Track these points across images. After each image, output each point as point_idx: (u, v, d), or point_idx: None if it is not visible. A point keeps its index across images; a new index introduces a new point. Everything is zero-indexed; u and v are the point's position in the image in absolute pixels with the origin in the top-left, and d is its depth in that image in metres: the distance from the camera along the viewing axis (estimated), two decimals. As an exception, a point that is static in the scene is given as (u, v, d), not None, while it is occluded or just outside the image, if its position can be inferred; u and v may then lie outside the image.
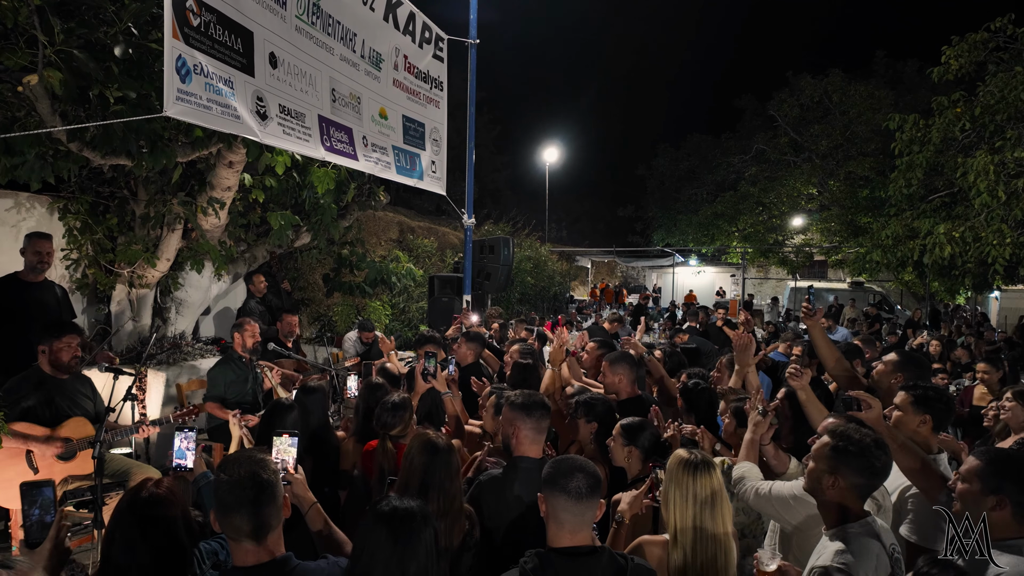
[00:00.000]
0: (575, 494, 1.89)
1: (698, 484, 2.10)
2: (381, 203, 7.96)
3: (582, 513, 1.90)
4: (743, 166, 24.71)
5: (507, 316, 7.90)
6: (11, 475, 3.26)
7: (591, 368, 4.66)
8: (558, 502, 1.91)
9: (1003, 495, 1.98)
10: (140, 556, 1.84)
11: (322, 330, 8.29)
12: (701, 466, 2.13)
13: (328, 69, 4.95)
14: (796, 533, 2.38)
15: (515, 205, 23.52)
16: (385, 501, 1.84)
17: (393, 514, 1.79)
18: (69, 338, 3.56)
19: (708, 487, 2.10)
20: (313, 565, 1.87)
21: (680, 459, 2.16)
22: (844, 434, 2.05)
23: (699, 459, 2.15)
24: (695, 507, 2.08)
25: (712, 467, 2.15)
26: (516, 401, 2.69)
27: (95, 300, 5.86)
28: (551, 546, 1.91)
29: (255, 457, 1.88)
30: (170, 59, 3.34)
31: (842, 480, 2.00)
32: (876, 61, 23.98)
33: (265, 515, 1.79)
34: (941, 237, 9.75)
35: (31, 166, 4.26)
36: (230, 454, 2.01)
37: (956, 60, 10.13)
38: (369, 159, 5.54)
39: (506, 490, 2.53)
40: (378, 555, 1.74)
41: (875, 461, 1.99)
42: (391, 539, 1.75)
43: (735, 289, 25.87)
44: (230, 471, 1.81)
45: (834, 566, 1.90)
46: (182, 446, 2.49)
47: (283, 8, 4.35)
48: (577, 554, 1.88)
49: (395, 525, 1.77)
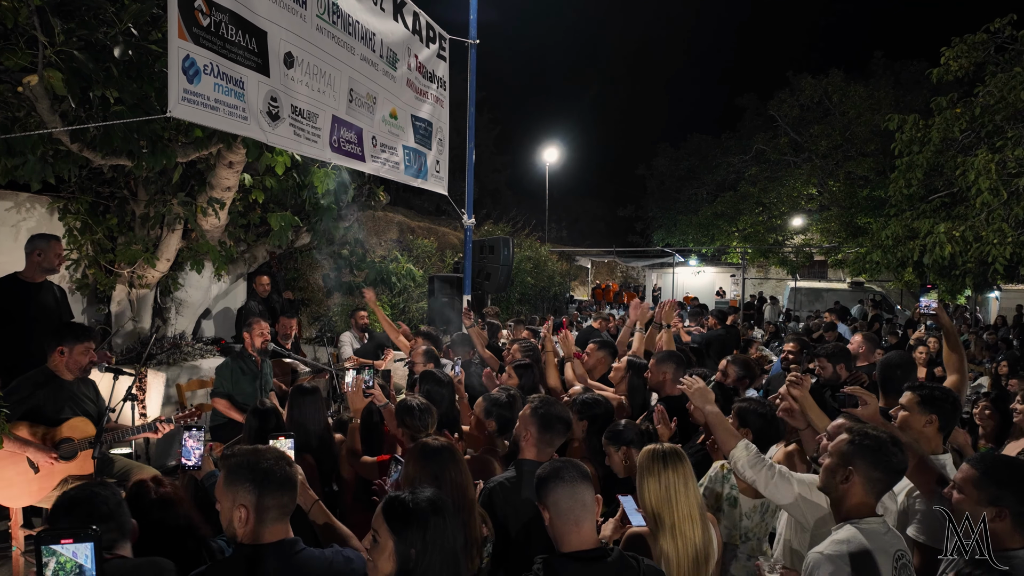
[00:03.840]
0: (568, 479, 1.96)
1: (670, 472, 2.20)
2: (381, 203, 7.97)
3: (580, 495, 1.93)
4: (743, 166, 24.70)
5: (505, 317, 7.89)
6: (11, 475, 3.26)
7: (592, 368, 4.66)
8: (554, 494, 1.94)
9: (1003, 506, 1.91)
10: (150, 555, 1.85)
11: (322, 330, 8.28)
12: (670, 455, 2.24)
13: (349, 69, 4.95)
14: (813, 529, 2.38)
15: (515, 205, 23.51)
16: (412, 494, 1.79)
17: (437, 500, 1.78)
18: (89, 343, 3.57)
19: (682, 473, 2.21)
20: (318, 551, 1.92)
21: (650, 452, 2.26)
22: (862, 430, 2.09)
23: (668, 449, 2.26)
24: (673, 493, 2.17)
25: (682, 456, 2.26)
26: (539, 410, 2.67)
27: (95, 300, 5.86)
28: (560, 551, 1.92)
29: (276, 453, 1.96)
30: (175, 59, 3.32)
31: (856, 474, 2.02)
32: (876, 61, 23.97)
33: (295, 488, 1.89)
34: (941, 237, 9.74)
35: (31, 166, 4.25)
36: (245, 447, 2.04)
37: (955, 61, 10.13)
38: (377, 160, 5.53)
39: (517, 493, 2.53)
40: (439, 542, 1.72)
41: (891, 457, 2.01)
42: (442, 523, 1.74)
43: (735, 289, 25.86)
44: (260, 456, 1.89)
45: (827, 553, 1.93)
46: (190, 445, 2.51)
47: (303, 8, 4.33)
48: (587, 558, 1.88)
49: (443, 511, 1.77)
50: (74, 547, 1.42)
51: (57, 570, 1.40)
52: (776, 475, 2.41)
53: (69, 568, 1.40)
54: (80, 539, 1.42)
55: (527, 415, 2.68)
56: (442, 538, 1.70)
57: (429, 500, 1.75)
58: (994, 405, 4.19)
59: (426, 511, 1.72)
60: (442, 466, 2.28)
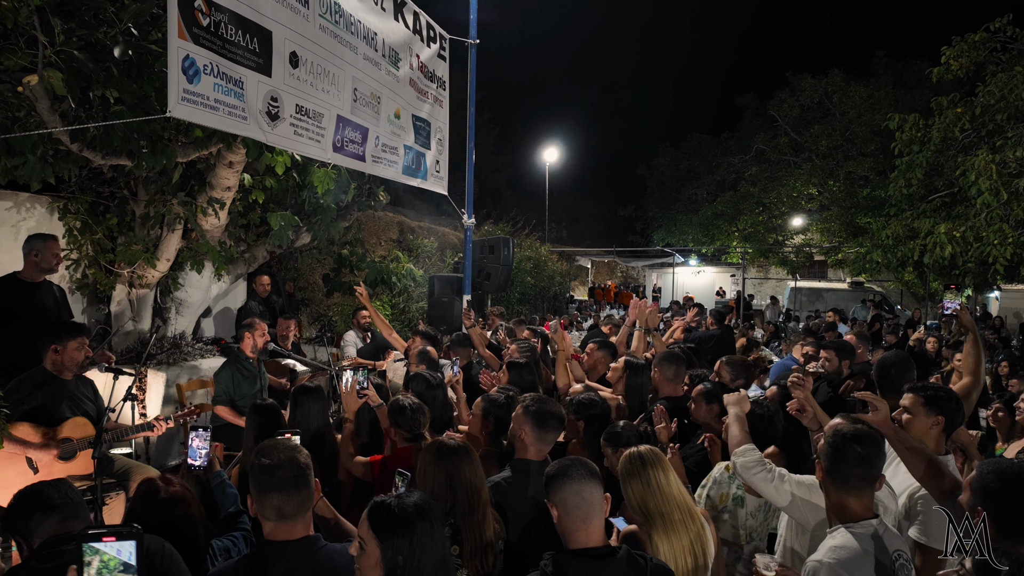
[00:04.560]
0: (577, 477, 1.96)
1: (649, 469, 2.25)
2: (381, 203, 7.97)
3: (589, 493, 1.94)
4: (743, 166, 24.69)
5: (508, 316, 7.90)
6: (11, 475, 3.26)
7: (592, 368, 4.66)
8: (563, 491, 1.95)
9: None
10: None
11: (322, 330, 8.29)
12: (647, 454, 2.30)
13: (352, 68, 4.94)
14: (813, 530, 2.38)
15: (515, 205, 23.55)
16: (399, 499, 1.75)
17: (424, 505, 1.74)
18: (83, 339, 3.57)
19: (661, 468, 2.27)
20: (339, 546, 1.95)
21: (627, 456, 2.32)
22: (837, 430, 2.11)
23: (644, 450, 2.33)
24: (655, 486, 2.23)
25: (659, 454, 2.33)
26: (531, 408, 2.67)
27: (95, 300, 5.86)
28: (568, 548, 1.92)
29: (290, 444, 2.00)
30: (175, 59, 3.32)
31: (826, 474, 2.07)
32: (876, 61, 23.96)
33: (302, 496, 1.88)
34: (942, 237, 9.74)
35: (31, 166, 4.25)
36: (266, 441, 2.07)
37: (956, 61, 10.13)
38: (378, 161, 5.53)
39: (516, 493, 2.53)
40: (427, 548, 1.69)
41: (849, 452, 2.03)
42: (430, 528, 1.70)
43: (735, 289, 25.86)
44: (269, 456, 1.92)
45: (825, 561, 1.93)
46: (196, 445, 2.51)
47: (305, 7, 4.33)
48: (595, 555, 1.88)
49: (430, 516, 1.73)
50: (117, 545, 1.38)
51: (101, 568, 1.38)
52: (775, 477, 2.42)
53: (113, 566, 1.38)
54: (123, 537, 1.39)
55: (520, 414, 2.68)
56: (430, 544, 1.67)
57: (416, 505, 1.71)
58: (1007, 407, 4.19)
59: (413, 517, 1.67)
60: (457, 466, 2.27)
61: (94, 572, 1.37)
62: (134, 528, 1.40)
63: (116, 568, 1.38)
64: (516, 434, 2.68)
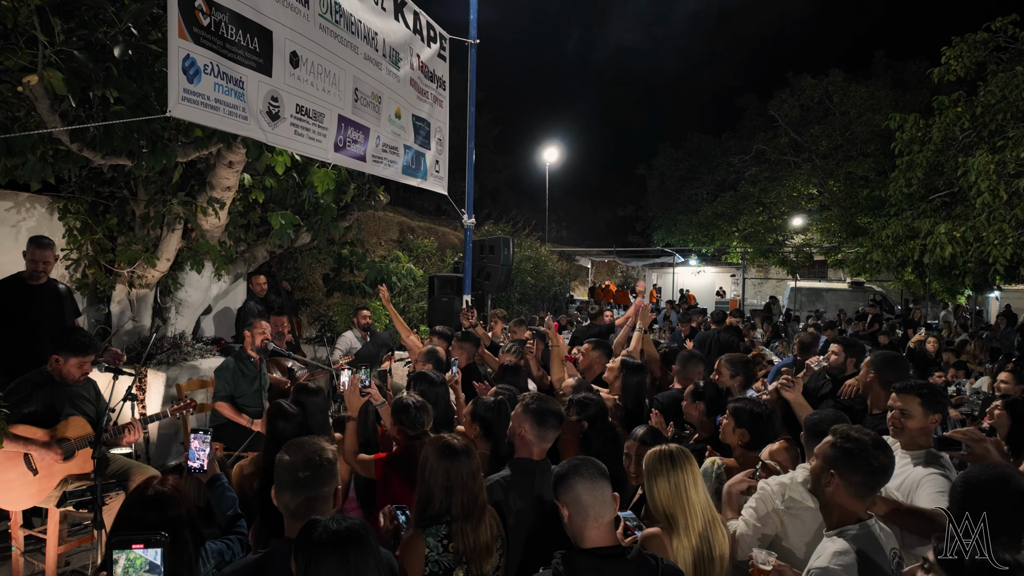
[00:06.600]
0: (588, 476, 1.97)
1: (679, 471, 2.22)
2: (381, 203, 7.96)
3: (600, 492, 1.95)
4: (743, 166, 24.71)
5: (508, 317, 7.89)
6: (11, 476, 3.26)
7: (587, 369, 4.66)
8: (574, 490, 1.95)
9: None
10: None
11: (322, 330, 8.29)
12: (678, 454, 2.26)
13: (352, 68, 4.94)
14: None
15: (515, 205, 23.58)
16: (323, 524, 1.62)
17: (342, 534, 1.60)
18: (85, 357, 3.53)
19: (691, 472, 2.23)
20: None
21: (657, 453, 2.28)
22: (844, 433, 2.08)
23: (675, 449, 2.29)
24: (684, 492, 2.20)
25: (689, 456, 2.29)
26: (531, 406, 2.66)
27: (95, 300, 5.86)
28: (579, 547, 1.93)
29: (313, 440, 2.05)
30: (176, 59, 3.32)
31: (838, 477, 2.02)
32: (876, 61, 23.98)
33: (325, 493, 1.96)
34: (942, 237, 9.73)
35: (31, 166, 4.25)
36: (297, 439, 2.12)
37: (956, 60, 10.12)
38: (379, 161, 5.53)
39: (515, 493, 2.52)
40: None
41: (872, 460, 2.01)
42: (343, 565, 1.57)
43: (735, 289, 25.87)
44: (292, 453, 1.98)
45: (832, 568, 1.91)
46: (195, 447, 2.50)
47: (306, 7, 4.33)
48: (607, 555, 1.88)
49: (347, 547, 1.59)
50: (144, 551, 1.49)
51: (127, 567, 1.48)
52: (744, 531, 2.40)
53: (139, 564, 1.48)
54: (150, 544, 1.49)
55: (519, 412, 2.68)
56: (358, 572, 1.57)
57: (337, 533, 1.59)
58: (1007, 407, 4.18)
59: (329, 544, 1.57)
60: (456, 467, 2.26)
61: (120, 570, 1.47)
62: (161, 536, 1.49)
63: (142, 567, 1.49)
64: (516, 432, 2.67)
